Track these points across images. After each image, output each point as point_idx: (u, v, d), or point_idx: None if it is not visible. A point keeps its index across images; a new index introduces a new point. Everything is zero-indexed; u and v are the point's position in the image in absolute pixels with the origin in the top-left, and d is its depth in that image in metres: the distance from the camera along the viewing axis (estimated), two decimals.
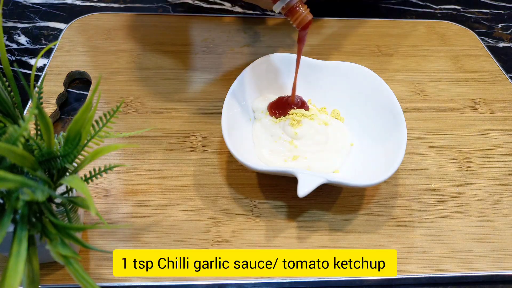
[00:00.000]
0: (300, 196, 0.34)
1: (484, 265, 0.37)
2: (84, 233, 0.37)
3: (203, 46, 0.56)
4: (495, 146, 0.46)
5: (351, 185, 0.36)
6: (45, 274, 0.34)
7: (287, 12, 0.40)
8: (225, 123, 0.39)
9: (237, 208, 0.39)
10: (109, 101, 0.48)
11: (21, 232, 0.25)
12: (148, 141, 0.44)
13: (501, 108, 0.51)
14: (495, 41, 0.62)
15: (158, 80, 0.51)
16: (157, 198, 0.39)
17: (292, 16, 0.39)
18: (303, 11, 0.39)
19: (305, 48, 0.56)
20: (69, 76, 0.51)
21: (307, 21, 0.39)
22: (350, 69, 0.45)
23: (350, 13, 0.64)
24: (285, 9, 0.39)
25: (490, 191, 0.42)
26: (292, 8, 0.39)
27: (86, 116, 0.27)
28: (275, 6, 0.39)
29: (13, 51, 0.55)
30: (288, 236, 0.38)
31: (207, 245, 0.36)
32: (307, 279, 0.35)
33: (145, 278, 0.34)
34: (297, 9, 0.39)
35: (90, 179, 0.31)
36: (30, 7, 0.62)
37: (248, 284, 0.35)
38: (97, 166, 0.31)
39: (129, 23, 0.58)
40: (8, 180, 0.22)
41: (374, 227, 0.39)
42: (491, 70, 0.56)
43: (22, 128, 0.23)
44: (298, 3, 0.39)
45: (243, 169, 0.42)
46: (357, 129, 0.44)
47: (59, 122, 0.47)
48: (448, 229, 0.39)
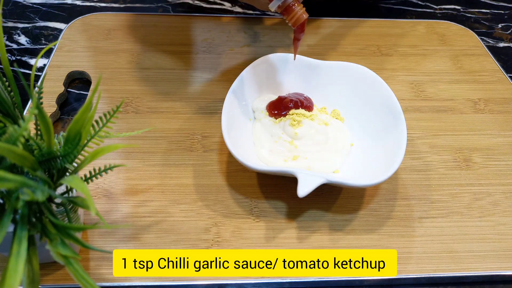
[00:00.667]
0: (300, 196, 0.34)
1: (484, 265, 0.37)
2: (84, 233, 0.37)
3: (203, 46, 0.56)
4: (495, 146, 0.46)
5: (351, 185, 0.36)
6: (45, 274, 0.34)
7: (283, 11, 0.40)
8: (225, 123, 0.39)
9: (237, 208, 0.39)
10: (109, 101, 0.48)
11: (21, 232, 0.25)
12: (148, 141, 0.44)
13: (501, 108, 0.51)
14: (495, 41, 0.62)
15: (158, 80, 0.51)
16: (157, 198, 0.39)
17: (288, 15, 0.40)
18: (298, 10, 0.39)
19: (305, 48, 0.57)
20: (69, 76, 0.51)
21: (303, 20, 0.40)
22: (350, 69, 0.45)
23: (350, 13, 0.64)
24: (281, 7, 0.40)
25: (490, 191, 0.42)
26: (288, 7, 0.39)
27: (86, 116, 0.27)
28: (271, 5, 0.40)
29: (13, 51, 0.55)
30: (288, 236, 0.38)
31: (207, 245, 0.36)
32: (307, 279, 0.35)
33: (145, 278, 0.34)
34: (292, 7, 0.39)
35: (90, 179, 0.31)
36: (30, 7, 0.62)
37: (248, 284, 0.35)
38: (97, 166, 0.31)
39: (129, 23, 0.58)
40: (8, 180, 0.22)
41: (374, 227, 0.39)
42: (491, 70, 0.56)
43: (22, 128, 0.23)
44: (293, 2, 0.39)
45: (243, 169, 0.42)
46: (357, 129, 0.44)
47: (59, 122, 0.47)
48: (448, 229, 0.39)
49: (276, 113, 0.43)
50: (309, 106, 0.44)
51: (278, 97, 0.45)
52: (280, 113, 0.43)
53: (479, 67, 0.56)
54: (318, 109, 0.45)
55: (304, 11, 0.40)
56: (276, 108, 0.44)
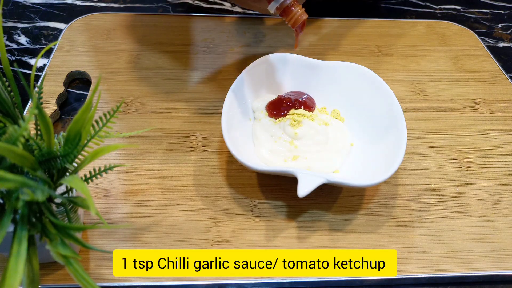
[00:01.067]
0: (300, 196, 0.34)
1: (484, 265, 0.37)
2: (84, 233, 0.37)
3: (203, 46, 0.56)
4: (495, 146, 0.46)
5: (351, 185, 0.36)
6: (45, 274, 0.34)
7: (282, 12, 0.40)
8: (225, 123, 0.39)
9: (237, 208, 0.39)
10: (109, 101, 0.48)
11: (21, 232, 0.25)
12: (148, 141, 0.44)
13: (501, 108, 0.51)
14: (495, 41, 0.62)
15: (158, 80, 0.51)
16: (157, 198, 0.39)
17: (286, 16, 0.40)
18: (297, 10, 0.39)
19: (305, 48, 0.57)
20: (69, 76, 0.51)
21: (302, 21, 0.39)
22: (350, 69, 0.45)
23: (350, 13, 0.64)
24: (279, 9, 0.39)
25: (490, 191, 0.42)
26: (287, 8, 0.39)
27: (86, 116, 0.27)
28: (269, 7, 0.40)
29: (13, 51, 0.55)
30: (288, 236, 0.38)
31: (207, 245, 0.36)
32: (307, 279, 0.35)
33: (145, 278, 0.34)
34: (291, 8, 0.39)
35: (90, 179, 0.31)
36: (30, 7, 0.62)
37: (248, 284, 0.35)
38: (97, 166, 0.31)
39: (129, 23, 0.58)
40: (8, 180, 0.22)
41: (374, 227, 0.39)
42: (491, 70, 0.56)
43: (22, 128, 0.23)
44: (292, 3, 0.39)
45: (243, 169, 0.42)
46: (357, 129, 0.44)
47: (59, 122, 0.47)
48: (448, 229, 0.39)
49: (275, 113, 0.43)
50: (310, 106, 0.44)
51: (278, 97, 0.45)
52: (280, 113, 0.43)
53: (479, 67, 0.56)
54: (318, 109, 0.45)
55: (303, 11, 0.39)
56: (275, 108, 0.44)
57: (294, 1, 0.39)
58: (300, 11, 0.39)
